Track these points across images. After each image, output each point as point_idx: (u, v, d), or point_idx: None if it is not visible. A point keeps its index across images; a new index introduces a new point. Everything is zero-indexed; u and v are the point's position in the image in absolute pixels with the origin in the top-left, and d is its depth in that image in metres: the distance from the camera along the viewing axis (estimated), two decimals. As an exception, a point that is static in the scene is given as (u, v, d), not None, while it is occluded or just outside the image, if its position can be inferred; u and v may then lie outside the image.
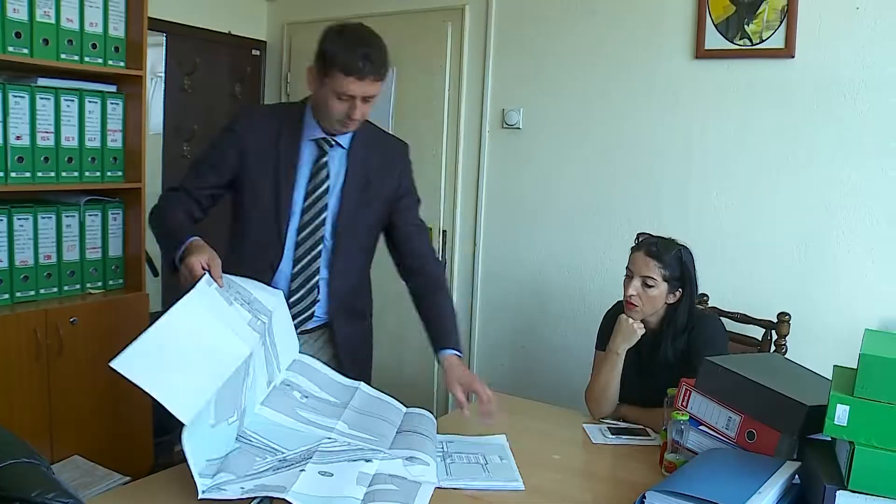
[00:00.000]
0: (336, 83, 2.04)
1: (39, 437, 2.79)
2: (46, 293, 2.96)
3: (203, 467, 1.69)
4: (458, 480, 1.87)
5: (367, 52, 2.03)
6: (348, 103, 2.07)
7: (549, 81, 3.51)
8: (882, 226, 2.85)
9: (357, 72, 2.02)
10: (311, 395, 2.06)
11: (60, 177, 2.92)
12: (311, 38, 4.12)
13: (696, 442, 1.99)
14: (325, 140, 2.21)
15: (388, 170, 2.31)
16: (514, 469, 1.97)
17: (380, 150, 2.32)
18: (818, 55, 2.91)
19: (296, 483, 1.64)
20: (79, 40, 2.90)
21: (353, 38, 2.05)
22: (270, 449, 1.83)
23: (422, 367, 3.85)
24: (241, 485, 1.66)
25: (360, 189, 2.26)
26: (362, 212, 2.28)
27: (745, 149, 3.08)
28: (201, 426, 1.70)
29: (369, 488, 1.70)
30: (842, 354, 1.85)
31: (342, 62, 2.01)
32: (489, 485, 1.88)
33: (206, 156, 2.26)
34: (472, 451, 2.07)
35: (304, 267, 2.25)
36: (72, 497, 0.97)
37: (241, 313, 1.94)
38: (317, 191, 2.22)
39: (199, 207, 2.23)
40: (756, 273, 3.09)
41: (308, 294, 2.27)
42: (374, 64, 2.04)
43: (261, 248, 2.25)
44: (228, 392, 1.79)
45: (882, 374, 1.55)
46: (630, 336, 2.37)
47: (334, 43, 2.05)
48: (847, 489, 1.55)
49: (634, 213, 3.30)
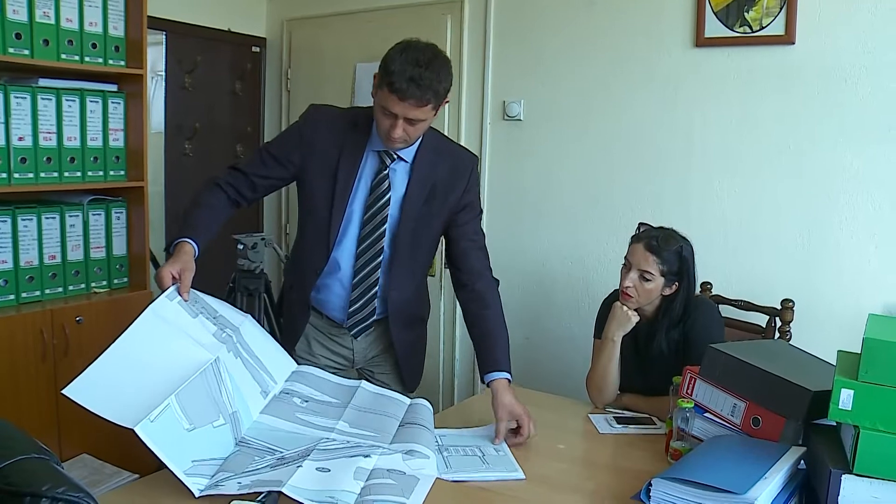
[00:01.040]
0: (382, 96, 2.03)
1: (47, 437, 2.80)
2: (52, 293, 2.97)
3: (189, 467, 1.69)
4: (459, 473, 1.88)
5: (418, 73, 1.97)
6: (390, 120, 2.04)
7: (550, 72, 3.51)
8: (885, 211, 2.85)
9: (399, 92, 1.98)
10: (312, 399, 2.07)
11: (63, 177, 2.93)
12: (310, 33, 4.18)
13: (702, 429, 1.99)
14: (388, 153, 2.20)
15: (454, 183, 2.28)
16: (511, 459, 1.97)
17: (447, 162, 2.28)
18: (818, 41, 2.91)
19: (292, 477, 1.65)
20: (79, 40, 2.91)
21: (411, 57, 1.99)
22: (269, 450, 1.84)
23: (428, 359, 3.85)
24: (238, 480, 1.68)
25: (423, 202, 2.25)
26: (422, 224, 2.27)
27: (747, 136, 3.08)
28: (172, 430, 1.69)
29: (367, 482, 1.70)
30: (846, 340, 1.85)
31: (390, 78, 1.98)
32: (490, 476, 1.88)
33: (274, 146, 2.26)
34: (467, 444, 2.07)
35: (365, 277, 2.28)
36: (81, 491, 0.97)
37: (206, 325, 1.96)
38: (377, 203, 2.22)
39: (252, 192, 2.25)
40: (759, 260, 3.09)
41: (368, 304, 2.31)
42: (420, 88, 1.98)
43: (310, 251, 2.29)
44: (197, 397, 1.77)
45: (886, 357, 1.55)
46: (625, 323, 2.37)
47: (395, 57, 2.01)
48: (852, 473, 1.55)
49: (637, 203, 3.31)
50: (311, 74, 4.24)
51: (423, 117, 2.06)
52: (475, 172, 2.35)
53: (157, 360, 1.79)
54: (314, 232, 2.26)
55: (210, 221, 2.15)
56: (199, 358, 1.85)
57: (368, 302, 2.31)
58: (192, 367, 1.80)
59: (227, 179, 2.21)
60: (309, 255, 2.30)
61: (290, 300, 2.43)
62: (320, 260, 2.27)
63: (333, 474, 1.70)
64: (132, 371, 1.75)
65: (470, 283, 2.30)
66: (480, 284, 2.30)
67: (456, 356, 3.85)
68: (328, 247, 2.25)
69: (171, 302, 1.91)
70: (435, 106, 2.06)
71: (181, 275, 1.93)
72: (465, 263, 2.32)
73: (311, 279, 2.31)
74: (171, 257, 1.99)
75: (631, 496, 1.72)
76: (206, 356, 1.85)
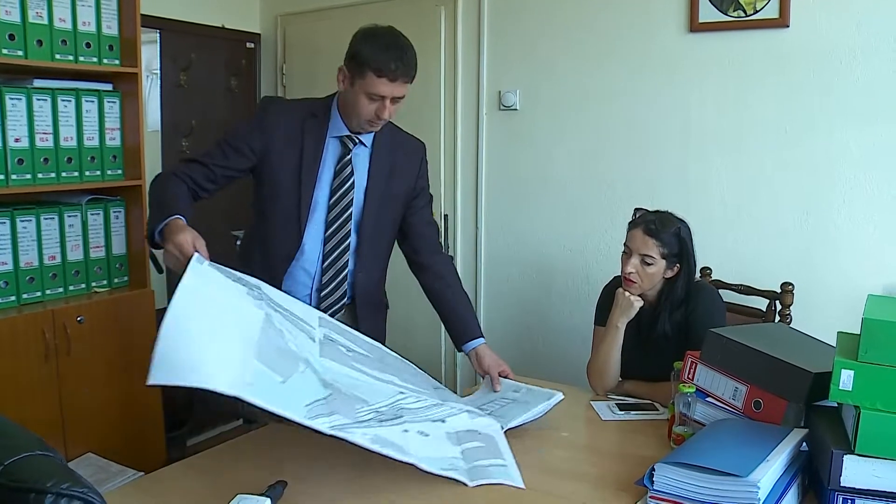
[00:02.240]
0: (368, 84, 2.11)
1: (52, 436, 2.81)
2: (52, 294, 2.97)
3: (306, 412, 1.65)
4: (513, 420, 1.99)
5: (399, 54, 2.11)
6: (378, 103, 2.14)
7: (545, 61, 3.50)
8: (882, 192, 2.85)
9: (389, 73, 2.09)
10: (352, 350, 2.08)
11: (61, 177, 2.93)
12: (304, 28, 4.17)
13: (704, 413, 2.00)
14: (350, 138, 2.27)
15: (408, 169, 2.40)
16: (539, 389, 2.10)
17: (400, 149, 2.39)
18: (812, 24, 2.90)
19: (410, 447, 1.75)
20: (72, 40, 2.91)
21: (386, 41, 2.12)
22: (358, 400, 1.83)
23: (430, 351, 3.87)
24: (363, 431, 1.71)
25: (383, 186, 2.33)
26: (384, 208, 2.36)
27: (743, 120, 3.08)
28: (271, 386, 1.65)
29: (461, 446, 1.81)
30: (846, 322, 1.85)
31: (375, 63, 2.08)
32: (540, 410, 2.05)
33: (233, 137, 2.26)
34: (492, 399, 2.20)
35: (334, 261, 2.31)
36: (86, 486, 0.98)
37: (239, 285, 1.90)
38: (342, 187, 2.28)
39: (211, 184, 2.22)
40: (758, 244, 3.09)
41: (339, 287, 2.34)
42: (405, 66, 2.11)
43: (279, 240, 2.30)
44: (271, 352, 1.74)
45: (885, 337, 1.56)
46: (628, 309, 2.38)
47: (367, 44, 2.12)
48: (854, 453, 1.56)
49: (635, 190, 3.31)
50: (306, 69, 4.23)
51: (405, 94, 2.18)
52: (425, 158, 2.48)
53: (218, 322, 1.72)
54: (281, 219, 2.28)
55: (187, 205, 2.08)
56: (253, 314, 1.80)
57: (339, 286, 2.34)
58: (251, 324, 1.77)
59: (184, 171, 2.18)
60: (276, 242, 2.30)
61: None
62: (291, 246, 2.28)
63: (432, 439, 1.81)
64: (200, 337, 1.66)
65: (429, 264, 2.44)
66: (439, 264, 2.46)
67: (457, 347, 3.85)
68: (299, 233, 2.27)
69: (202, 265, 1.81)
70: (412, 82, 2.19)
71: (195, 244, 1.85)
72: (424, 245, 2.45)
73: (281, 266, 2.30)
74: (175, 230, 1.88)
75: (635, 481, 1.73)
76: (257, 312, 1.81)
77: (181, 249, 1.83)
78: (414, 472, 1.79)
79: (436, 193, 3.72)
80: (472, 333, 2.39)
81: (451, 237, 3.81)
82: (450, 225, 3.81)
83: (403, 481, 1.80)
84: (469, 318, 2.42)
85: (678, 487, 1.61)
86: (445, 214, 3.80)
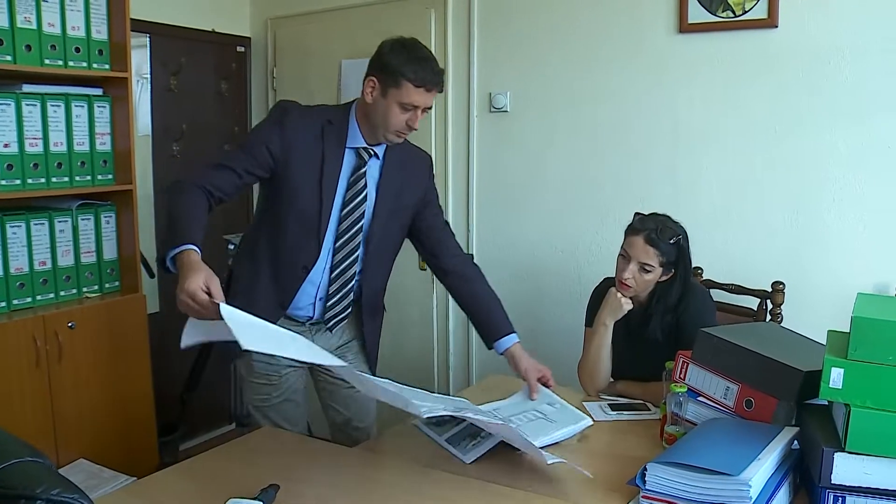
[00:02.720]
0: (403, 94, 2.12)
1: (43, 443, 2.80)
2: (43, 299, 2.96)
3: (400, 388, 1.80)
4: (536, 439, 1.95)
5: (434, 65, 2.16)
6: (411, 113, 2.16)
7: (535, 63, 3.51)
8: (871, 191, 2.86)
9: (429, 83, 2.13)
10: None
11: (51, 182, 2.92)
12: (294, 32, 4.17)
13: (696, 413, 2.01)
14: (366, 150, 2.27)
15: (416, 181, 2.41)
16: (572, 409, 2.08)
17: (409, 161, 2.39)
18: (801, 24, 2.91)
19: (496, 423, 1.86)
20: (62, 44, 2.89)
21: (419, 52, 2.15)
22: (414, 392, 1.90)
23: (423, 353, 3.87)
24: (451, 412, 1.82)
25: (392, 199, 2.33)
26: (393, 221, 2.36)
27: (732, 121, 3.09)
28: None
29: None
30: (837, 321, 1.85)
31: (413, 74, 2.11)
32: (565, 432, 2.03)
33: (255, 141, 2.23)
34: (523, 410, 2.17)
35: (342, 273, 2.31)
36: (77, 492, 0.98)
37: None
38: (355, 199, 2.27)
39: (236, 189, 2.20)
40: (749, 244, 3.10)
41: (344, 298, 2.35)
42: (440, 76, 2.17)
43: (296, 249, 2.28)
44: None
45: (874, 335, 1.57)
46: (617, 310, 2.40)
47: (401, 55, 2.13)
48: (844, 451, 1.57)
49: (626, 190, 3.31)
50: (297, 72, 4.23)
51: (432, 104, 2.22)
52: (432, 169, 2.51)
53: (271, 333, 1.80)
54: (299, 228, 2.25)
55: (201, 225, 2.04)
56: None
57: (345, 296, 2.35)
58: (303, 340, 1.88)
59: (206, 179, 2.13)
60: (293, 251, 2.27)
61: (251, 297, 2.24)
62: (309, 256, 2.27)
63: None
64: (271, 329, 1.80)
65: (453, 268, 2.45)
66: (461, 266, 2.47)
67: (450, 349, 3.85)
68: (318, 243, 2.25)
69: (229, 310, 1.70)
70: None
71: (209, 286, 1.79)
72: (444, 250, 2.46)
73: (297, 275, 2.28)
74: (185, 270, 1.84)
75: (627, 481, 1.73)
76: None
77: (194, 298, 1.76)
78: (407, 473, 1.80)
79: (427, 196, 3.75)
80: (499, 331, 2.37)
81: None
82: (441, 227, 3.80)
83: (396, 483, 1.80)
84: (495, 316, 2.40)
85: (670, 487, 1.62)
86: (437, 217, 3.80)
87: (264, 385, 2.37)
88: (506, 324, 2.38)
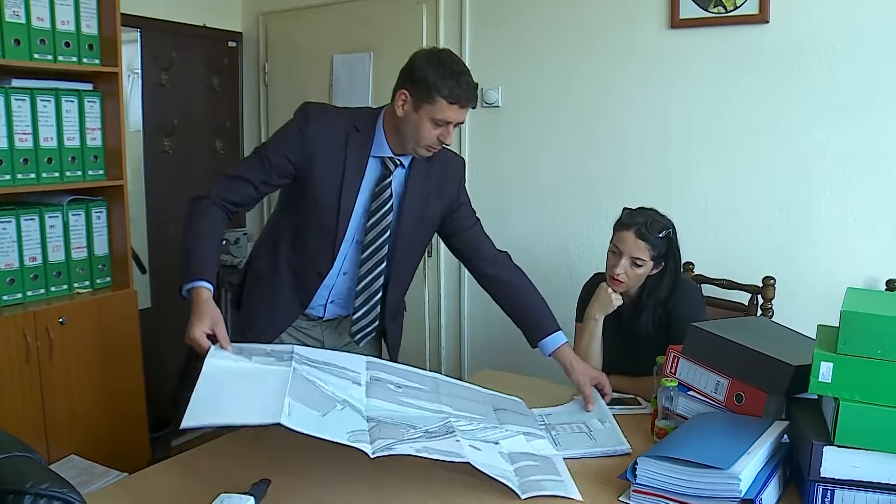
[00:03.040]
0: (437, 109, 2.06)
1: (35, 439, 2.79)
2: (34, 295, 2.95)
3: (349, 436, 1.67)
4: (569, 450, 1.93)
5: (468, 80, 2.09)
6: (443, 129, 2.10)
7: (527, 58, 3.51)
8: (861, 186, 2.88)
9: (463, 100, 2.08)
10: (403, 386, 2.05)
11: (41, 178, 2.91)
12: (286, 27, 4.17)
13: (686, 407, 2.01)
14: (392, 160, 2.21)
15: (446, 186, 2.34)
16: (618, 432, 2.02)
17: (440, 166, 2.31)
18: (792, 19, 2.92)
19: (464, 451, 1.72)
20: (51, 39, 2.88)
21: (453, 67, 2.08)
22: (408, 426, 1.82)
23: (414, 346, 3.87)
24: (411, 445, 1.69)
25: (419, 208, 2.28)
26: (419, 229, 2.33)
27: (724, 116, 3.09)
28: (310, 418, 1.67)
29: (514, 465, 1.76)
30: (828, 315, 1.85)
31: (448, 90, 2.05)
32: (598, 451, 1.94)
33: (275, 149, 2.19)
34: (574, 420, 2.13)
35: (368, 285, 2.28)
36: (66, 486, 0.97)
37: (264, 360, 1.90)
38: (381, 210, 2.22)
39: (253, 201, 2.22)
40: (740, 239, 3.11)
41: (371, 310, 2.32)
42: (473, 92, 2.11)
43: (313, 255, 2.26)
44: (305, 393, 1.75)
45: (863, 329, 1.57)
46: (607, 305, 2.41)
47: (435, 70, 2.06)
48: (834, 444, 1.57)
49: (617, 186, 3.32)
50: (289, 68, 4.22)
51: (465, 118, 2.17)
52: (463, 172, 2.43)
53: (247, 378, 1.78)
54: (316, 236, 2.23)
55: (214, 251, 2.10)
56: (279, 371, 1.82)
57: (372, 308, 2.31)
58: (279, 377, 1.78)
59: (223, 194, 2.14)
60: (310, 257, 2.26)
61: (272, 295, 2.31)
62: (324, 264, 2.25)
63: (485, 454, 1.77)
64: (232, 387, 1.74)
65: (489, 271, 2.41)
66: (497, 268, 2.41)
67: (442, 343, 3.86)
68: (333, 252, 2.23)
69: (220, 360, 1.83)
70: None
71: (214, 330, 1.87)
72: (479, 253, 2.42)
73: (312, 281, 2.28)
74: (194, 311, 1.91)
75: (618, 475, 1.73)
76: (284, 370, 1.82)
77: (198, 347, 1.86)
78: (397, 470, 1.80)
79: (419, 191, 3.75)
80: (542, 330, 2.32)
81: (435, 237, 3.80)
82: (433, 222, 3.80)
83: (387, 478, 1.80)
84: (538, 314, 2.35)
85: (661, 481, 1.63)
86: (429, 212, 3.80)
87: None
88: (548, 322, 2.33)
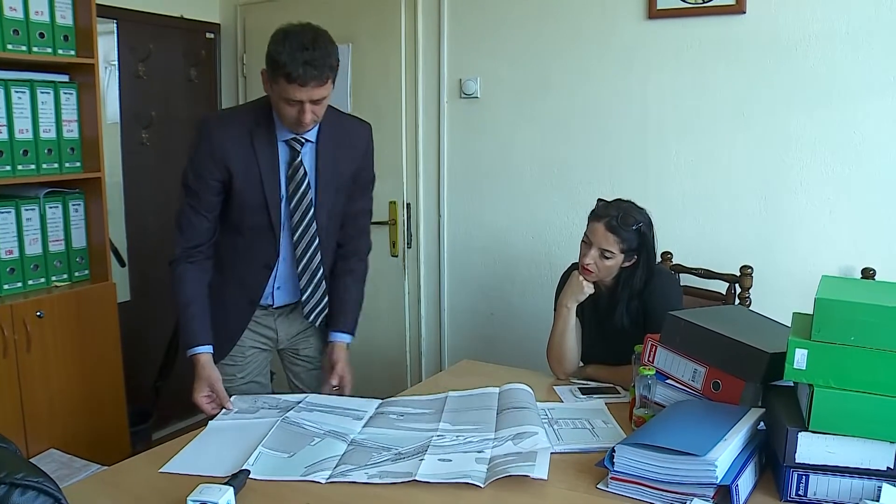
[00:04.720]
0: (282, 89, 2.04)
1: (13, 433, 2.74)
2: (11, 288, 2.93)
3: (303, 471, 1.78)
4: (570, 445, 1.93)
5: (308, 57, 1.99)
6: (297, 108, 2.07)
7: (505, 49, 3.51)
8: (837, 176, 2.90)
9: (299, 79, 2.00)
10: (406, 413, 2.14)
11: (17, 170, 2.88)
12: (264, 18, 4.15)
13: (664, 395, 2.03)
14: (297, 140, 2.22)
15: (352, 154, 2.35)
16: (620, 432, 2.02)
17: (345, 136, 2.33)
18: (768, 10, 2.94)
19: (420, 468, 1.74)
20: (25, 30, 2.85)
21: (296, 43, 2.00)
22: (384, 448, 1.90)
23: (395, 338, 3.87)
24: (365, 471, 1.76)
25: (333, 178, 2.30)
26: (338, 198, 2.35)
27: (701, 106, 3.11)
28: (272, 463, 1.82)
29: (489, 465, 1.78)
30: (805, 303, 1.86)
31: (285, 68, 1.99)
32: (599, 447, 1.93)
33: (196, 177, 2.21)
34: (576, 417, 2.13)
35: (307, 264, 2.32)
36: (41, 475, 0.97)
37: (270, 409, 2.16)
38: (299, 190, 2.24)
39: (214, 228, 2.28)
40: (718, 228, 3.14)
41: (318, 288, 2.36)
42: (316, 69, 2.01)
43: (257, 252, 2.30)
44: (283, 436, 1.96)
45: (837, 316, 1.59)
46: (578, 293, 2.42)
47: (279, 47, 2.01)
48: (808, 430, 1.59)
49: (595, 176, 3.33)
50: (267, 59, 4.19)
51: (326, 94, 2.09)
52: (371, 139, 2.42)
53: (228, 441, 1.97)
54: (254, 231, 2.27)
55: (201, 312, 2.24)
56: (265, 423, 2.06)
57: (318, 284, 2.36)
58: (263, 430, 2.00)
59: (186, 246, 2.25)
60: (254, 253, 2.30)
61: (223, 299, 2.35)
62: (270, 255, 2.30)
63: (455, 463, 1.79)
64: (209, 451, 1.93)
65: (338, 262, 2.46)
66: (343, 261, 2.46)
67: (422, 334, 3.87)
68: (275, 241, 2.27)
69: (222, 421, 2.11)
70: (333, 79, 2.10)
71: (213, 390, 2.18)
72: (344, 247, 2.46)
73: (262, 275, 2.32)
74: (195, 375, 2.19)
75: (595, 463, 1.75)
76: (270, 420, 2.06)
77: (202, 410, 2.19)
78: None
79: (398, 182, 3.75)
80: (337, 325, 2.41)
81: (414, 226, 3.81)
82: (412, 214, 3.81)
83: (367, 468, 1.80)
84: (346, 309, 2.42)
85: (638, 468, 1.64)
86: (408, 203, 3.80)
87: (228, 366, 2.38)
88: (349, 322, 2.42)
